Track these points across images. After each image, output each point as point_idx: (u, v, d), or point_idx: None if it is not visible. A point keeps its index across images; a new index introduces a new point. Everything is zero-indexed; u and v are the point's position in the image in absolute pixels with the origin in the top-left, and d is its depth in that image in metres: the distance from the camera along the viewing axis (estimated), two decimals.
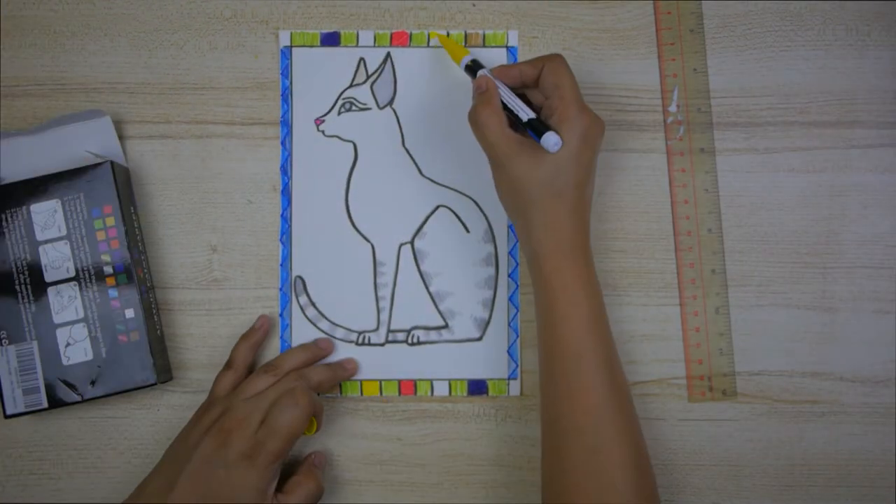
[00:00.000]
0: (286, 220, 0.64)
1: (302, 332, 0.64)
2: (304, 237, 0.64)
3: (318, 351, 0.63)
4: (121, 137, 0.64)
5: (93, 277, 0.60)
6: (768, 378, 0.63)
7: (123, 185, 0.62)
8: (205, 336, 0.64)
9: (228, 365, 0.61)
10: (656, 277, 0.64)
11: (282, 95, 0.64)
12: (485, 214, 0.64)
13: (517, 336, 0.64)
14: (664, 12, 0.64)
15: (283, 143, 0.64)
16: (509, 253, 0.64)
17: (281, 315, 0.64)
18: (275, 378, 0.59)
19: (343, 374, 0.63)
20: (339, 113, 0.64)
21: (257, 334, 0.62)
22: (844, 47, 0.64)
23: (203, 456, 0.55)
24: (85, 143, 0.62)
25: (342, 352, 0.64)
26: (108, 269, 0.60)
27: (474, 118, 0.57)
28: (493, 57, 0.64)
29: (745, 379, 0.63)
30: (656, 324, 0.64)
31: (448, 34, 0.64)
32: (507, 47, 0.64)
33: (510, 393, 0.64)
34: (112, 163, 0.60)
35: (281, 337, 0.64)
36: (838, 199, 0.64)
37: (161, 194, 0.64)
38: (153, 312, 0.62)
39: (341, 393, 0.63)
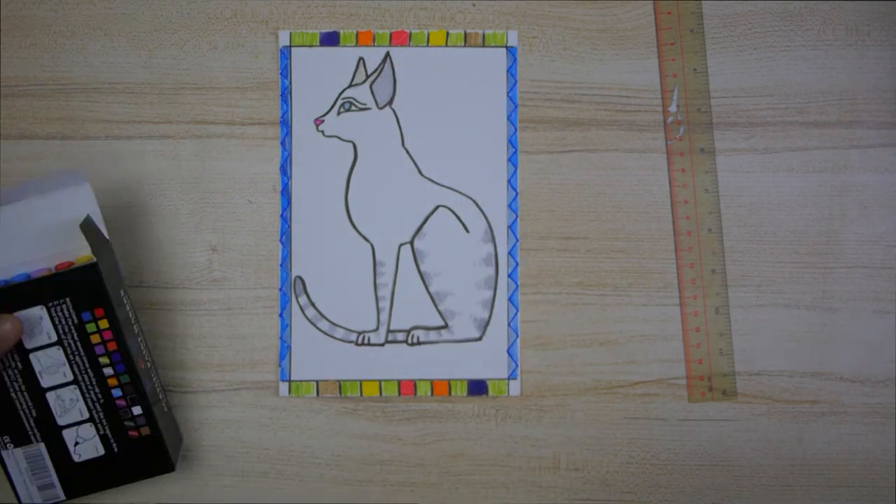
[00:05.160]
0: (286, 220, 0.64)
1: (301, 333, 0.64)
2: (304, 237, 0.64)
3: None
4: (121, 137, 0.64)
5: (93, 380, 0.57)
6: (768, 378, 0.63)
7: (111, 274, 0.58)
8: (205, 336, 0.64)
9: None
10: (656, 277, 0.64)
11: (281, 95, 0.64)
12: (484, 214, 0.64)
13: (517, 336, 0.64)
14: (664, 12, 0.64)
15: (282, 143, 0.64)
16: (509, 253, 0.64)
17: (280, 315, 0.64)
18: None
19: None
20: (339, 113, 0.64)
21: None
22: (844, 47, 0.64)
23: None
24: (65, 212, 0.58)
25: (342, 352, 0.64)
26: (109, 371, 0.57)
27: None
28: (493, 57, 0.64)
29: (745, 379, 0.63)
30: (656, 324, 0.64)
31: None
32: (506, 47, 0.64)
33: (510, 393, 0.64)
34: (97, 263, 0.56)
35: (280, 337, 0.64)
36: (838, 199, 0.64)
37: (161, 194, 0.64)
38: (160, 399, 0.60)
39: (340, 393, 0.63)
